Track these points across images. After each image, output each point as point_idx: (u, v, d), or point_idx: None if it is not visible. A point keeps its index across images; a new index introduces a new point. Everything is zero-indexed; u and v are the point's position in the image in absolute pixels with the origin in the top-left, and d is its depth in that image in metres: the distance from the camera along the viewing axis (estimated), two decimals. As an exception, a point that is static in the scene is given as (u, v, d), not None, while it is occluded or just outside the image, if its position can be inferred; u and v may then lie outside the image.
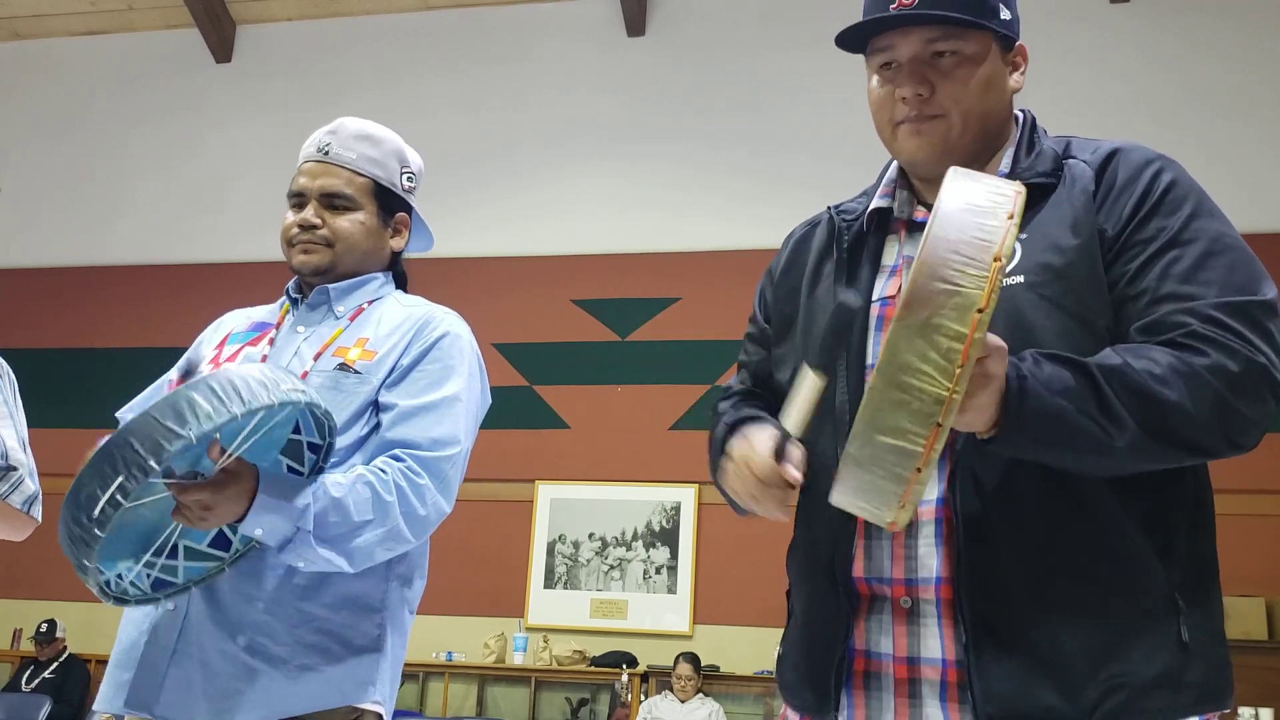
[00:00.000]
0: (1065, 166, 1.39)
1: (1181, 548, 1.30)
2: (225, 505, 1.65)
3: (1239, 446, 1.25)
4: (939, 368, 1.05)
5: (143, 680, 1.77)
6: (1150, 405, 1.20)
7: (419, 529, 1.81)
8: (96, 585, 1.65)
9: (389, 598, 1.86)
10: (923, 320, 1.05)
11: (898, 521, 1.13)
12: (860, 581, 1.36)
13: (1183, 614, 1.27)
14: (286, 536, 1.70)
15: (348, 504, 1.73)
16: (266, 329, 2.01)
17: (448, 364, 1.91)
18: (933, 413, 1.05)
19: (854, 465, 1.10)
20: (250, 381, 1.56)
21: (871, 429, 1.07)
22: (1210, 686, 1.28)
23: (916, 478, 1.08)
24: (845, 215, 1.52)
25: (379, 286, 2.03)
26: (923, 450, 1.06)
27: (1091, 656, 1.24)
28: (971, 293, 1.05)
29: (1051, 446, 1.21)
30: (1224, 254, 1.30)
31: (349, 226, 1.99)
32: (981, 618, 1.27)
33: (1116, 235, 1.32)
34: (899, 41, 1.41)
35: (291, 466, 1.78)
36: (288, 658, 1.76)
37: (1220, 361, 1.22)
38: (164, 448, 1.49)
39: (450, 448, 1.85)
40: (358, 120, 2.06)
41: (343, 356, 1.90)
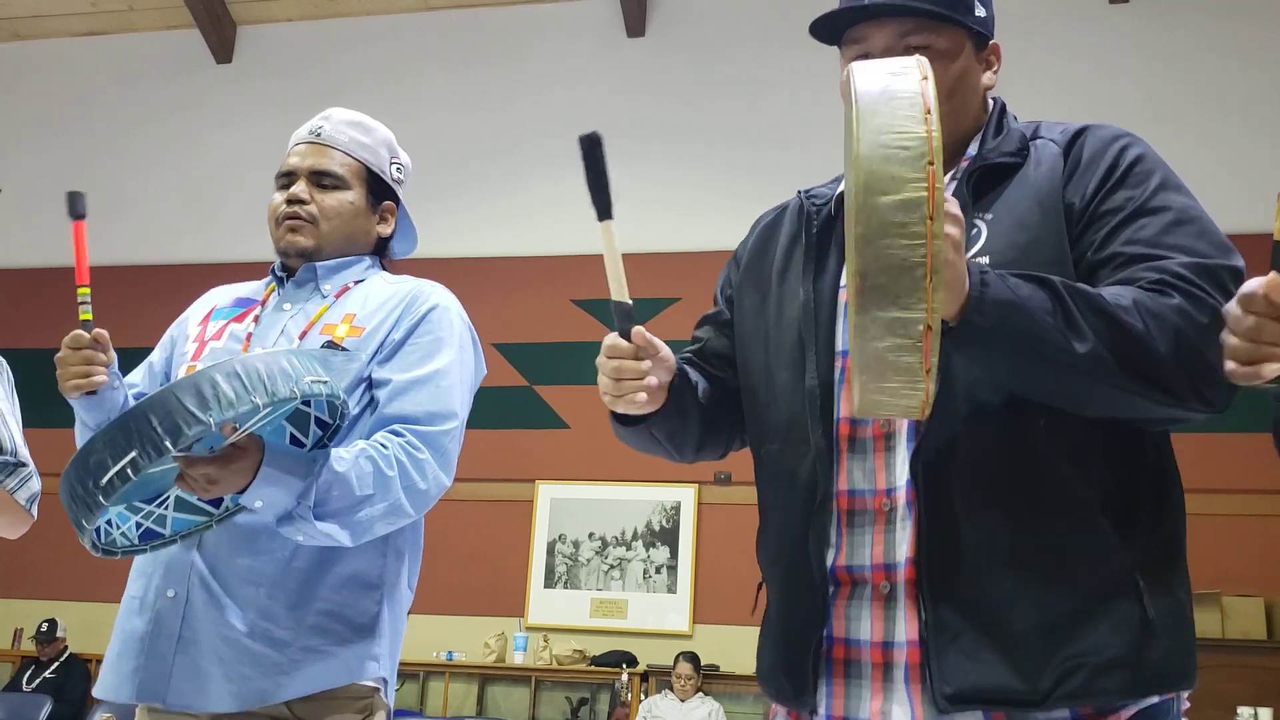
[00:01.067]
0: (1032, 146, 1.40)
1: (1143, 526, 1.30)
2: (231, 479, 1.66)
3: (1204, 399, 1.23)
4: (909, 118, 1.08)
5: (152, 670, 1.78)
6: (1113, 326, 1.20)
7: (420, 503, 1.82)
8: (89, 540, 1.64)
9: (386, 573, 1.87)
10: (879, 91, 1.09)
11: (933, 326, 1.07)
12: (840, 570, 1.36)
13: (1144, 593, 1.26)
14: (286, 509, 1.71)
15: (350, 479, 1.73)
16: (251, 305, 2.01)
17: (438, 336, 1.91)
18: (922, 153, 1.06)
19: (865, 246, 1.06)
20: (274, 371, 1.56)
21: (870, 194, 1.06)
22: (1172, 666, 1.27)
23: (932, 231, 1.05)
24: (815, 200, 1.52)
25: (365, 268, 2.03)
26: (926, 194, 1.05)
27: (1049, 636, 1.24)
28: (910, 71, 1.11)
29: (1010, 342, 1.19)
30: (1192, 223, 1.31)
31: (337, 205, 1.98)
32: (939, 598, 1.27)
33: (1084, 208, 1.33)
34: (873, 33, 1.42)
35: (295, 435, 1.78)
36: (291, 640, 1.76)
37: (1185, 306, 1.23)
38: (182, 431, 1.48)
39: (448, 421, 1.86)
40: (349, 110, 2.08)
41: (330, 333, 1.90)
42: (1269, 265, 0.98)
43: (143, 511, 1.75)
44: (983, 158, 1.40)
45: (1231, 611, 6.36)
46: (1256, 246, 1.33)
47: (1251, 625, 6.39)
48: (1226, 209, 7.78)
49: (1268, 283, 1.00)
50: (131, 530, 1.75)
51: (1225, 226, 1.36)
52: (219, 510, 1.78)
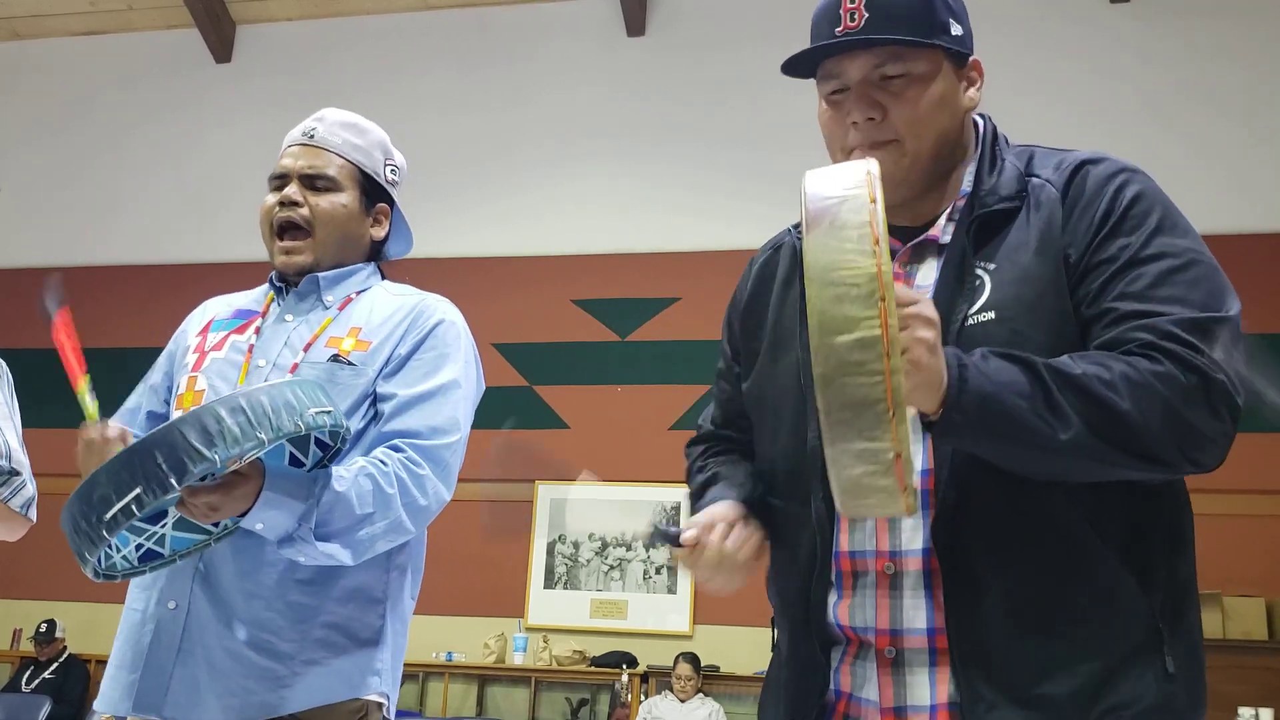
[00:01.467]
0: (1029, 188, 1.37)
1: (1161, 572, 1.29)
2: (232, 505, 1.65)
3: (1196, 463, 1.22)
4: (857, 251, 1.09)
5: (149, 681, 1.77)
6: (1096, 407, 1.18)
7: (420, 519, 1.81)
8: (91, 570, 1.64)
9: (390, 588, 1.86)
10: (826, 226, 1.11)
11: (902, 453, 1.09)
12: (847, 629, 1.35)
13: (1166, 642, 1.26)
14: (287, 531, 1.70)
15: (350, 498, 1.72)
16: (252, 316, 1.99)
17: (443, 351, 1.90)
18: (871, 290, 1.07)
19: (826, 387, 1.09)
20: (279, 404, 1.56)
21: (826, 335, 1.08)
22: (1193, 706, 1.28)
23: (890, 367, 1.07)
24: None
25: (366, 277, 2.02)
26: (880, 332, 1.07)
27: (1082, 695, 1.24)
28: (858, 193, 1.13)
29: (991, 435, 1.19)
30: (1187, 270, 1.27)
31: (330, 208, 1.97)
32: (972, 670, 1.26)
33: (1080, 258, 1.30)
34: (847, 66, 1.39)
35: (294, 455, 1.77)
36: (294, 653, 1.75)
37: (1173, 372, 1.20)
38: (187, 468, 1.48)
39: (450, 435, 1.85)
40: (343, 111, 2.06)
41: (336, 347, 1.88)
42: (1266, 268, 0.97)
43: (144, 533, 1.75)
44: (983, 203, 1.37)
45: (1232, 612, 6.35)
46: (1253, 247, 1.33)
47: (1253, 626, 6.38)
48: (1224, 210, 7.73)
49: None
50: (131, 553, 1.74)
51: (1222, 227, 1.35)
52: (218, 529, 1.78)
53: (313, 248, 1.96)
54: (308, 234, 1.96)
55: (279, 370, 1.87)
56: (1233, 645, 6.21)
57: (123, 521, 1.49)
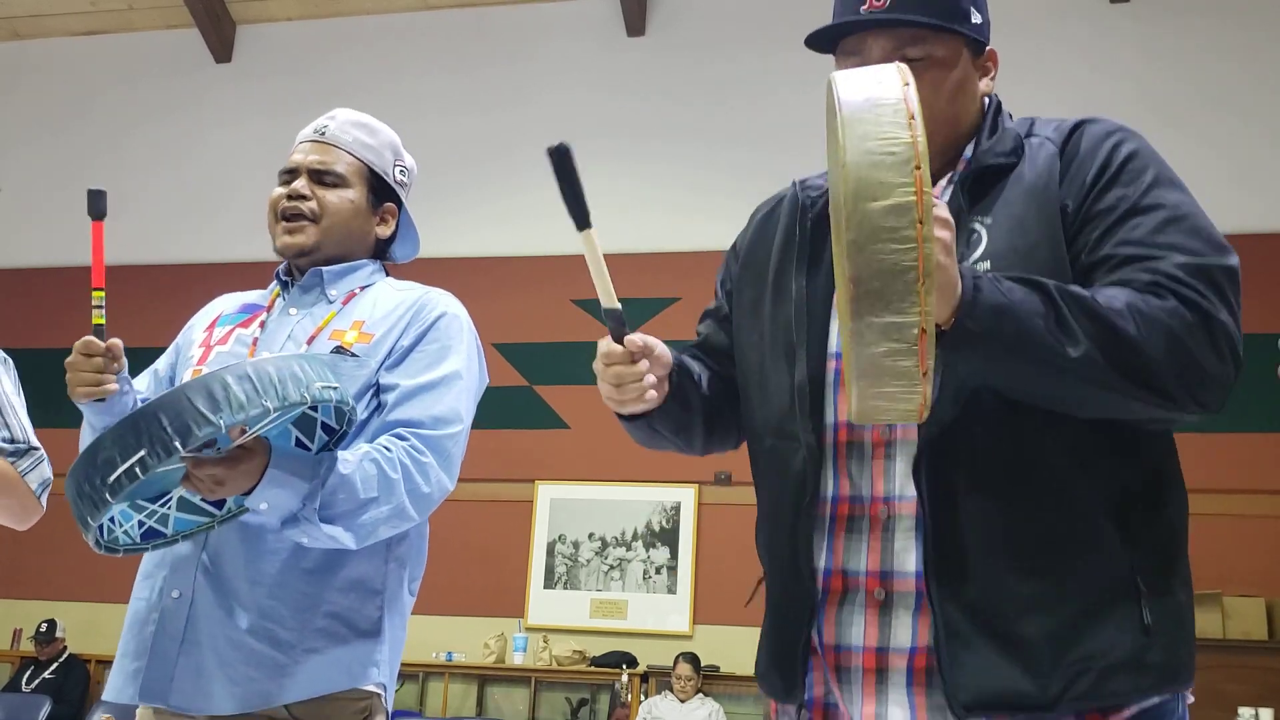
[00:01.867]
0: (1026, 145, 1.39)
1: (1142, 528, 1.30)
2: (237, 480, 1.66)
3: (1198, 401, 1.24)
4: (894, 124, 1.08)
5: (155, 670, 1.78)
6: (1106, 330, 1.20)
7: (423, 506, 1.82)
8: (93, 538, 1.65)
9: (389, 579, 1.87)
10: (862, 99, 1.10)
11: (927, 329, 1.08)
12: (835, 574, 1.36)
13: (1144, 596, 1.27)
14: (291, 511, 1.71)
15: (355, 481, 1.74)
16: (257, 311, 2.02)
17: (446, 343, 1.92)
18: (908, 158, 1.07)
19: (857, 253, 1.07)
20: (286, 374, 1.57)
21: (860, 200, 1.07)
22: (1171, 668, 1.28)
23: (923, 234, 1.06)
24: (810, 191, 1.51)
25: (370, 273, 2.03)
26: (915, 198, 1.06)
27: (1057, 641, 1.25)
28: (891, 78, 1.12)
29: (1002, 348, 1.20)
30: (1185, 220, 1.30)
31: (337, 202, 1.99)
32: (950, 606, 1.27)
33: (1078, 208, 1.32)
34: (870, 45, 1.40)
35: (300, 439, 1.78)
36: (295, 642, 1.77)
37: (1178, 307, 1.23)
38: (192, 431, 1.49)
39: (452, 425, 1.86)
40: (355, 111, 2.08)
41: (339, 339, 1.90)
42: (1269, 267, 0.98)
43: (146, 510, 1.76)
44: (978, 160, 1.39)
45: (1232, 612, 6.36)
46: (1256, 246, 1.33)
47: (1253, 626, 6.38)
48: (1227, 208, 7.77)
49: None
50: (134, 529, 1.75)
51: (1225, 226, 1.36)
52: (222, 511, 1.79)
53: (316, 232, 1.98)
54: (313, 224, 1.98)
55: None
56: (1233, 645, 6.22)
57: (126, 485, 1.49)
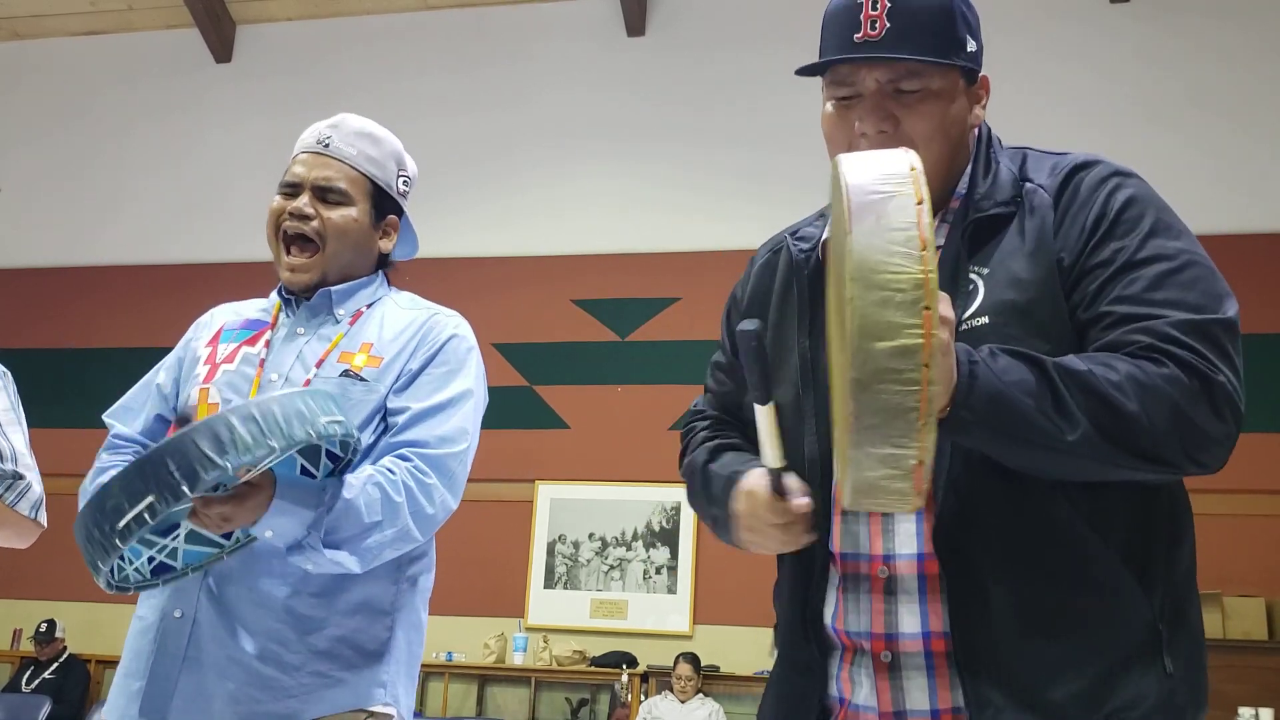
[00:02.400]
0: (1023, 193, 1.36)
1: (1160, 572, 1.29)
2: (244, 515, 1.67)
3: (1200, 464, 1.23)
4: (904, 255, 1.06)
5: (155, 689, 1.78)
6: (1104, 407, 1.18)
7: (427, 527, 1.83)
8: (105, 581, 1.66)
9: (399, 599, 1.87)
10: (872, 224, 1.08)
11: (924, 460, 1.08)
12: (842, 634, 1.35)
13: (1165, 643, 1.26)
14: (296, 539, 1.71)
15: (359, 506, 1.74)
16: (262, 328, 2.00)
17: (454, 367, 1.93)
18: (917, 298, 1.05)
19: (860, 391, 1.07)
20: (291, 413, 1.57)
21: (865, 339, 1.06)
22: (1195, 702, 1.29)
23: (928, 378, 1.05)
24: (802, 244, 1.48)
25: (375, 289, 2.03)
26: (922, 341, 1.05)
27: (1087, 699, 1.24)
28: (904, 191, 1.09)
29: (999, 434, 1.19)
30: (1182, 272, 1.27)
31: (341, 221, 1.97)
32: (978, 675, 1.26)
33: (1073, 263, 1.30)
34: (863, 76, 1.36)
35: (305, 467, 1.78)
36: (300, 664, 1.77)
37: (1177, 374, 1.20)
38: (199, 476, 1.50)
39: (457, 444, 1.86)
40: (359, 118, 2.05)
41: (348, 362, 1.90)
42: (1266, 268, 0.97)
43: (156, 545, 1.76)
44: (977, 207, 1.37)
45: (1232, 612, 6.36)
46: (1252, 247, 1.33)
47: (1253, 626, 6.38)
48: (1224, 209, 7.73)
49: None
50: (144, 566, 1.76)
51: (1221, 227, 1.35)
52: (230, 542, 1.79)
53: (320, 263, 1.96)
54: (317, 247, 1.96)
55: (291, 384, 1.88)
56: (1233, 645, 6.21)
57: (135, 530, 1.50)
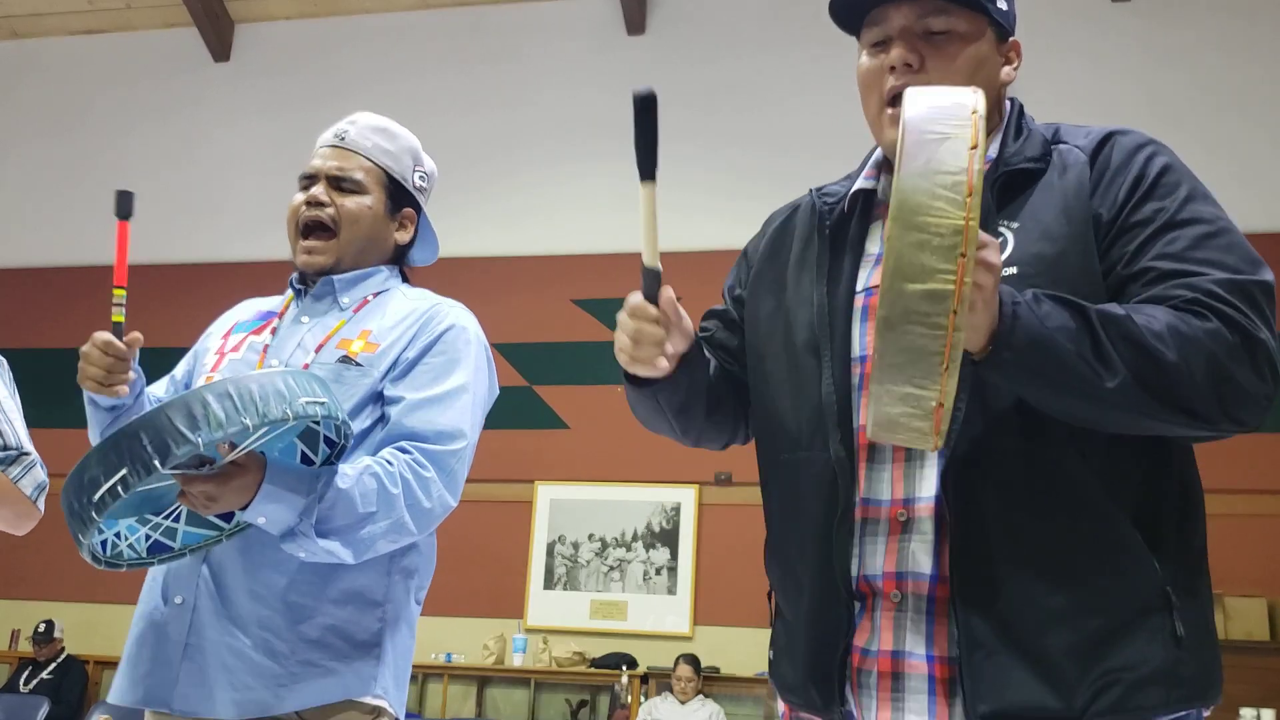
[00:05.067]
0: (1055, 151, 1.38)
1: (1171, 540, 1.29)
2: (230, 496, 1.66)
3: (1236, 420, 1.23)
4: (949, 200, 1.06)
5: (158, 675, 1.79)
6: (1145, 357, 1.19)
7: (423, 522, 1.81)
8: (90, 554, 1.66)
9: (392, 591, 1.86)
10: (922, 165, 1.08)
11: (944, 404, 1.09)
12: (860, 579, 1.35)
13: (1175, 608, 1.26)
14: (289, 526, 1.70)
15: (354, 496, 1.73)
16: (271, 318, 2.02)
17: (453, 357, 1.90)
18: (954, 244, 1.05)
19: (887, 330, 1.08)
20: (268, 392, 1.56)
21: (898, 279, 1.06)
22: (1203, 681, 1.27)
23: (954, 324, 1.06)
24: (827, 199, 1.49)
25: (384, 279, 2.02)
26: (954, 288, 1.05)
27: (1084, 653, 1.24)
28: (961, 134, 1.09)
29: (1038, 377, 1.20)
30: (1221, 235, 1.29)
31: (355, 208, 1.98)
32: (973, 616, 1.26)
33: (1113, 219, 1.31)
34: (892, 14, 1.40)
35: (305, 453, 1.78)
36: (290, 653, 1.76)
37: (1219, 328, 1.22)
38: (171, 450, 1.50)
39: (456, 441, 1.85)
40: (376, 115, 2.07)
41: (345, 348, 1.89)
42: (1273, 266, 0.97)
43: (152, 523, 1.76)
44: (1006, 163, 1.38)
45: (1234, 612, 6.35)
46: (1259, 245, 1.32)
47: (1254, 626, 6.38)
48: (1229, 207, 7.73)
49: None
50: (140, 542, 1.76)
51: (1229, 225, 1.34)
52: (229, 525, 1.79)
53: (335, 248, 1.97)
54: (332, 234, 1.97)
55: (290, 369, 1.87)
56: (1234, 645, 6.21)
57: (110, 503, 1.51)
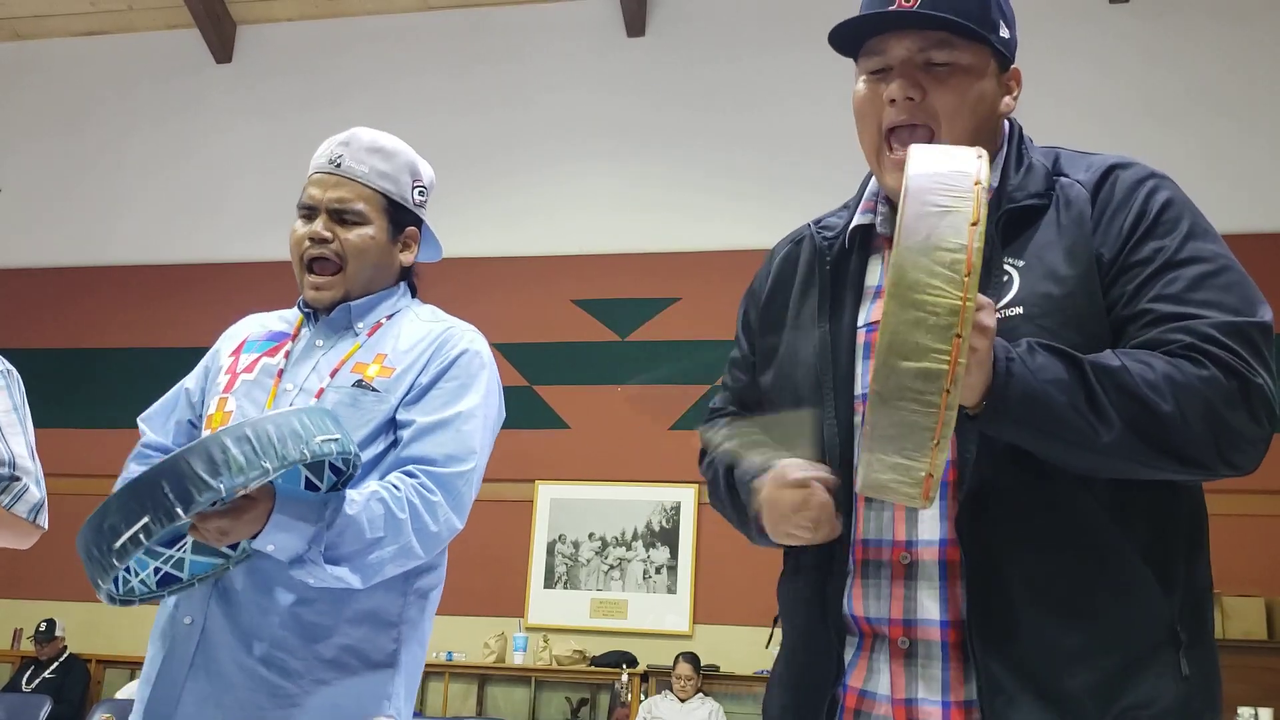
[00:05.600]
0: (1058, 186, 1.37)
1: (1180, 575, 1.29)
2: (242, 529, 1.67)
3: (1233, 465, 1.24)
4: (947, 279, 1.06)
5: (161, 693, 1.79)
6: (1140, 407, 1.19)
7: (430, 545, 1.82)
8: (106, 596, 1.68)
9: (407, 611, 1.87)
10: (922, 240, 1.07)
11: (933, 474, 1.10)
12: (861, 620, 1.35)
13: (1183, 645, 1.26)
14: (298, 554, 1.71)
15: (361, 522, 1.73)
16: (283, 340, 2.01)
17: (465, 382, 1.92)
18: (950, 324, 1.06)
19: (880, 404, 1.08)
20: (285, 433, 1.58)
21: (892, 356, 1.07)
22: (1210, 712, 1.29)
23: (946, 402, 1.06)
24: (826, 232, 1.49)
25: (396, 301, 2.03)
26: (947, 368, 1.05)
27: (1101, 692, 1.24)
28: (962, 209, 1.09)
29: (1034, 432, 1.20)
30: (1219, 275, 1.29)
31: (359, 241, 1.97)
32: (992, 661, 1.25)
33: (1114, 258, 1.31)
34: (893, 45, 1.37)
35: (310, 480, 1.79)
36: (304, 672, 1.77)
37: (1216, 375, 1.21)
38: (193, 498, 1.51)
39: (464, 463, 1.86)
40: (371, 132, 2.04)
41: (361, 373, 1.90)
42: (1269, 268, 0.98)
43: (161, 556, 1.78)
44: (1010, 198, 1.37)
45: (1232, 612, 6.35)
46: (1255, 247, 1.33)
47: (1252, 625, 6.39)
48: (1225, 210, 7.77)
49: None
50: (150, 577, 1.77)
51: (1223, 227, 1.35)
52: (236, 553, 1.80)
53: (342, 282, 1.97)
54: (338, 267, 1.97)
55: (305, 394, 1.90)
56: (1233, 645, 6.21)
57: (132, 550, 1.52)
